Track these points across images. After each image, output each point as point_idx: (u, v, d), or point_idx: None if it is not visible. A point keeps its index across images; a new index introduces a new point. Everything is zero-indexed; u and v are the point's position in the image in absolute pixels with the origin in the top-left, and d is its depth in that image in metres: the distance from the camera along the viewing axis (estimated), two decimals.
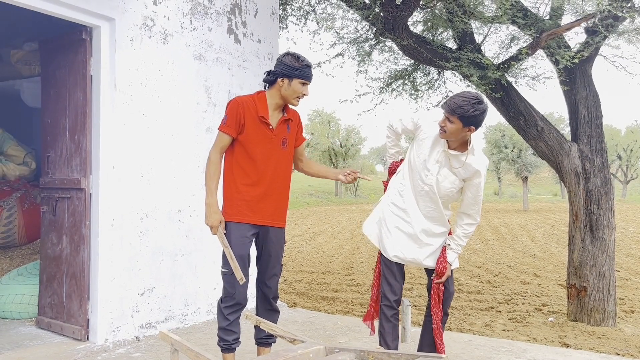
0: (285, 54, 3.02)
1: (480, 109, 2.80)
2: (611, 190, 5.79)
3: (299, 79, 2.96)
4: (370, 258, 11.25)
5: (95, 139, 3.94)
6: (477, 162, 2.99)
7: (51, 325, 4.18)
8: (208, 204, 2.97)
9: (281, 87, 2.98)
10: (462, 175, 3.01)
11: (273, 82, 3.02)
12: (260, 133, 3.01)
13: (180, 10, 4.41)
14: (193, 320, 4.55)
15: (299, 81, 2.96)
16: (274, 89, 3.02)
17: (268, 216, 3.08)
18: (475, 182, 3.02)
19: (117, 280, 3.98)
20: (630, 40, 5.99)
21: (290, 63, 2.95)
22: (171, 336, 2.35)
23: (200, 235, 4.59)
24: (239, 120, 2.98)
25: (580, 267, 5.69)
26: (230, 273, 2.99)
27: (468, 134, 2.91)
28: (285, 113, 3.10)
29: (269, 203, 3.07)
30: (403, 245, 3.11)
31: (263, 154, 3.02)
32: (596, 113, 5.86)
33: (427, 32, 6.50)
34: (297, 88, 2.97)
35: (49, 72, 4.29)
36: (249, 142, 3.00)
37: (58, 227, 4.17)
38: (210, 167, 3.00)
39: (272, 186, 3.06)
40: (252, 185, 3.02)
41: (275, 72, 3.00)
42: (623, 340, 5.01)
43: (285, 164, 3.12)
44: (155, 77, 4.21)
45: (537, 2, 6.02)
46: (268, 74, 3.05)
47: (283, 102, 3.05)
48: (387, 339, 3.15)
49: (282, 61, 2.98)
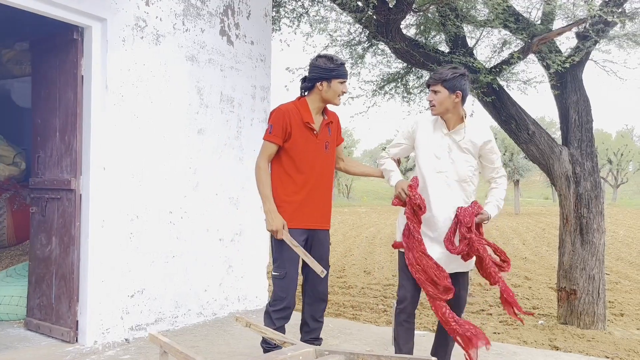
0: (318, 57, 3.08)
1: (458, 72, 2.95)
2: (601, 194, 5.83)
3: (338, 78, 3.03)
4: (362, 261, 11.26)
5: (86, 139, 3.92)
6: (480, 129, 3.03)
7: (40, 327, 4.14)
8: (267, 210, 3.02)
9: (321, 91, 3.04)
10: (472, 149, 3.00)
11: (312, 88, 3.06)
12: (306, 139, 3.06)
13: (172, 11, 4.39)
14: (184, 322, 4.53)
15: (338, 81, 3.04)
16: (314, 94, 3.07)
17: (316, 219, 3.14)
18: (487, 149, 3.03)
19: (107, 282, 3.96)
20: (620, 46, 6.04)
21: (326, 65, 3.01)
22: (160, 338, 2.34)
23: (191, 236, 4.58)
24: (285, 129, 3.02)
25: (570, 270, 5.72)
26: (283, 277, 3.04)
27: (457, 103, 2.95)
28: (326, 116, 3.16)
29: (316, 206, 3.13)
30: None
31: (309, 159, 3.07)
32: (586, 117, 5.90)
33: (420, 36, 6.53)
34: (337, 88, 3.04)
35: (40, 72, 4.26)
36: (295, 149, 3.05)
37: (47, 228, 4.14)
38: (261, 176, 3.05)
39: (318, 190, 3.12)
40: (300, 190, 3.07)
41: (312, 78, 3.05)
42: (612, 343, 5.03)
43: (328, 166, 3.19)
44: (147, 78, 4.20)
45: (528, 6, 6.06)
46: (304, 80, 3.09)
47: (324, 105, 3.11)
48: (399, 342, 3.10)
49: (316, 65, 3.04)
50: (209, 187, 4.73)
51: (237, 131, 5.00)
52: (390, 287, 8.23)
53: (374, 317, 6.09)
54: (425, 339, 4.07)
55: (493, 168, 3.10)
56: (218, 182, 4.82)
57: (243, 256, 5.08)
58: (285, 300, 3.06)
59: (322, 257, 3.17)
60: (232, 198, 4.96)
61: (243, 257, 5.08)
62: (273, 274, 3.10)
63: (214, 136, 4.78)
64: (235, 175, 4.98)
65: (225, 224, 4.90)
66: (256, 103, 5.21)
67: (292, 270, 3.07)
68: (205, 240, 4.72)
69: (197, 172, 4.62)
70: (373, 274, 9.57)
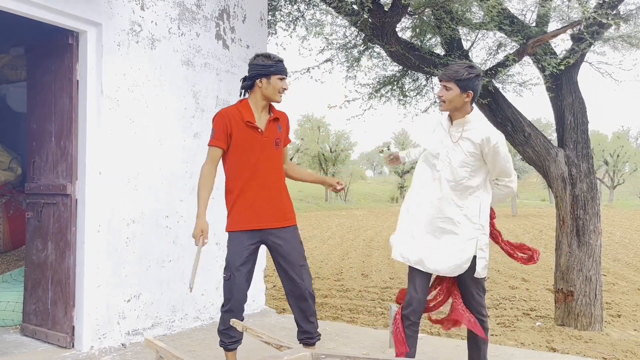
0: (256, 57, 3.11)
1: (474, 72, 2.87)
2: (597, 195, 5.84)
3: (276, 74, 3.05)
4: (360, 264, 11.25)
5: (82, 144, 3.91)
6: (481, 127, 2.88)
7: (36, 332, 4.13)
8: (197, 215, 3.02)
9: (261, 88, 3.06)
10: (472, 148, 2.86)
11: (252, 87, 3.10)
12: (250, 138, 3.06)
13: (168, 16, 4.40)
14: (180, 327, 4.51)
15: (277, 77, 3.05)
16: (255, 92, 3.10)
17: (268, 218, 3.10)
18: (486, 152, 2.85)
19: (103, 287, 3.95)
20: (615, 47, 6.07)
21: (264, 62, 3.05)
22: (156, 343, 2.33)
23: (187, 241, 4.56)
24: (226, 132, 3.04)
25: (567, 272, 5.73)
26: (228, 278, 3.06)
27: (467, 102, 2.89)
28: (272, 113, 3.17)
29: (268, 204, 3.10)
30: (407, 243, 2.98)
31: (256, 157, 3.07)
32: (582, 119, 5.92)
33: (416, 39, 6.54)
34: (277, 84, 3.06)
35: (35, 77, 4.25)
36: (240, 150, 3.06)
37: (43, 233, 4.12)
38: (200, 180, 3.06)
39: (268, 187, 3.10)
40: (247, 190, 3.06)
41: (251, 76, 3.08)
42: (610, 344, 5.04)
43: (278, 163, 3.17)
44: (142, 83, 4.19)
45: (523, 9, 6.09)
46: (244, 79, 3.13)
47: (267, 102, 3.12)
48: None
49: (254, 63, 3.08)
50: None
51: None
52: (388, 290, 8.23)
53: (371, 320, 6.08)
54: (422, 342, 4.07)
55: (494, 172, 2.94)
56: (214, 186, 4.80)
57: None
58: (230, 301, 3.07)
59: (290, 253, 3.12)
60: None
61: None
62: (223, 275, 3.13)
63: None
64: None
65: (221, 228, 4.86)
66: None
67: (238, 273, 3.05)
68: None
69: (193, 177, 4.62)
70: (370, 276, 9.57)
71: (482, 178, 2.94)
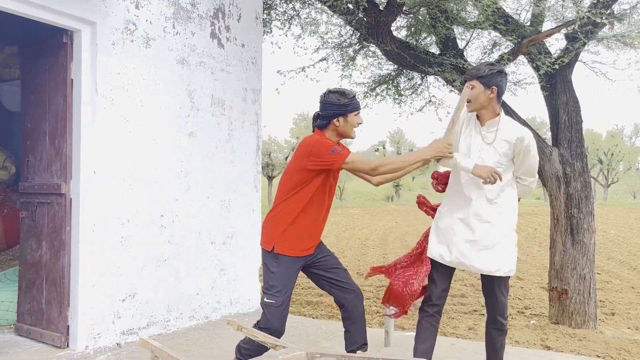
0: (328, 93, 3.05)
1: (495, 68, 2.92)
2: (591, 194, 5.87)
3: (353, 112, 3.02)
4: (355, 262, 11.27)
5: (76, 143, 3.90)
6: (514, 126, 2.96)
7: (30, 332, 4.11)
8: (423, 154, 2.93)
9: (338, 127, 3.03)
10: (506, 148, 2.91)
11: (327, 124, 3.05)
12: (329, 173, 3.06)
13: (162, 15, 4.39)
14: (175, 326, 4.51)
15: (353, 114, 3.03)
16: (330, 130, 3.05)
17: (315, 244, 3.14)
18: (518, 151, 2.91)
19: (98, 286, 3.94)
20: (609, 47, 6.09)
21: (339, 101, 3.00)
22: (151, 342, 2.33)
23: (182, 240, 4.56)
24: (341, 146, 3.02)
25: (561, 270, 5.75)
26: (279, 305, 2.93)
27: (492, 99, 2.92)
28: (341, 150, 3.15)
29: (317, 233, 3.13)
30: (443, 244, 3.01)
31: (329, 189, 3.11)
32: (576, 118, 5.94)
33: (411, 38, 6.55)
34: (354, 121, 3.05)
35: (30, 76, 4.24)
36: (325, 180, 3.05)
37: (38, 233, 4.11)
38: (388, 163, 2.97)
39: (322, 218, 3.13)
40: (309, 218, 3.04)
41: (327, 115, 3.02)
42: (604, 342, 5.07)
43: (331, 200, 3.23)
44: (137, 82, 4.18)
45: (518, 8, 6.10)
46: (317, 117, 3.08)
47: (340, 139, 3.11)
48: (416, 341, 3.09)
49: (329, 102, 3.02)
50: (200, 190, 4.72)
51: (228, 134, 4.99)
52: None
53: (367, 319, 6.07)
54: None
55: (520, 170, 2.99)
56: (209, 185, 4.81)
57: (235, 259, 5.07)
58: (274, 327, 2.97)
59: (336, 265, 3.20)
60: (223, 201, 4.95)
61: (235, 260, 5.07)
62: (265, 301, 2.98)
63: (205, 139, 4.77)
64: (226, 178, 4.98)
65: (217, 227, 4.89)
66: (247, 106, 5.20)
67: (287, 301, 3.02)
68: (197, 243, 4.70)
69: (188, 176, 4.61)
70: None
71: (510, 175, 3.01)
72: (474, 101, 2.93)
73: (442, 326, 5.84)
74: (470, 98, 2.93)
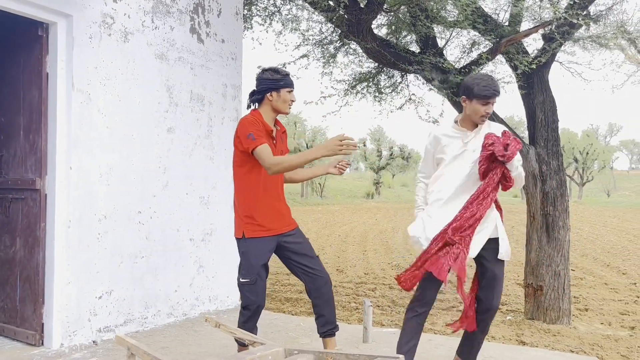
0: (264, 71, 3.21)
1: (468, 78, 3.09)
2: (566, 192, 5.98)
3: (286, 88, 3.17)
4: (335, 259, 11.30)
5: (52, 138, 3.84)
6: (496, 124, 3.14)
7: (4, 330, 4.04)
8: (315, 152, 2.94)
9: (272, 101, 3.17)
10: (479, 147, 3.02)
11: (261, 99, 3.19)
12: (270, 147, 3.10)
13: (141, 9, 4.33)
14: (153, 323, 4.47)
15: (286, 90, 3.18)
16: (265, 105, 3.19)
17: (283, 223, 3.24)
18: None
19: (74, 284, 3.88)
20: (585, 47, 6.21)
21: (273, 77, 3.16)
22: (127, 340, 2.31)
23: (160, 237, 4.52)
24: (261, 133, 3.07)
25: (537, 267, 5.85)
26: (253, 282, 3.09)
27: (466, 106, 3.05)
28: (278, 127, 3.28)
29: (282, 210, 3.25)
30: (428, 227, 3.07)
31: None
32: (552, 117, 6.04)
33: (391, 36, 6.58)
34: (286, 97, 3.19)
35: (3, 70, 4.15)
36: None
37: (11, 229, 4.04)
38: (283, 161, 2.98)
39: (278, 195, 3.25)
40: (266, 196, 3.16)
41: (261, 90, 3.17)
42: (577, 337, 5.17)
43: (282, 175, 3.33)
44: (115, 76, 4.13)
45: (497, 8, 6.18)
46: (253, 93, 3.21)
47: (276, 114, 3.24)
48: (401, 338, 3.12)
49: (263, 78, 3.17)
50: (179, 186, 4.68)
51: (207, 130, 4.96)
52: (362, 285, 8.29)
53: (345, 315, 6.12)
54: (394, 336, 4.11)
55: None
56: (188, 182, 4.78)
57: (214, 256, 5.05)
58: (255, 303, 3.13)
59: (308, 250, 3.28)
60: (202, 197, 4.92)
61: (214, 257, 5.05)
62: (241, 280, 3.13)
63: (184, 135, 4.73)
64: (206, 175, 4.94)
65: (195, 224, 4.86)
66: (227, 102, 5.17)
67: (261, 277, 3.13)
68: (175, 240, 4.67)
69: (166, 172, 4.57)
70: (345, 272, 9.62)
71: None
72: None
73: None
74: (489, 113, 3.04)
